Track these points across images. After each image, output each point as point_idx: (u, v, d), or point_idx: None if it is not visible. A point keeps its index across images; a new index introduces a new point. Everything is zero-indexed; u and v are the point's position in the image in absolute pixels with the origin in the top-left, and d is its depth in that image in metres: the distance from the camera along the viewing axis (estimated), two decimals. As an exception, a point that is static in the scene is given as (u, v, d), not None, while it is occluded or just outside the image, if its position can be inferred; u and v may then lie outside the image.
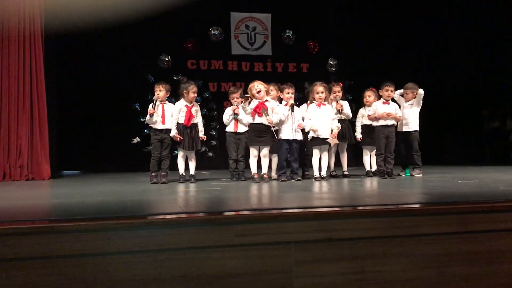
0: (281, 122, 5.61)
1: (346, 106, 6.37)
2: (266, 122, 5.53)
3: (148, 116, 5.72)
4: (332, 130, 5.66)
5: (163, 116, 5.72)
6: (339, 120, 6.08)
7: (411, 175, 6.16)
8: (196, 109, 5.80)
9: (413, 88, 6.22)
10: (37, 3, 6.91)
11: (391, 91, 6.04)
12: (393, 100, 6.18)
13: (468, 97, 9.67)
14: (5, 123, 6.71)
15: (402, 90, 6.31)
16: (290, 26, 9.75)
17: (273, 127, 5.56)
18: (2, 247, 2.27)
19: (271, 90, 5.85)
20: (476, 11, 9.30)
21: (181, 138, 5.65)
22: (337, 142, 5.79)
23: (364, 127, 6.50)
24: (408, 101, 6.23)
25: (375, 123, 6.11)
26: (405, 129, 6.20)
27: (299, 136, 5.66)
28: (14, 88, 6.75)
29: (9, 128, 6.72)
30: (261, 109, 5.53)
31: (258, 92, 5.57)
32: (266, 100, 5.64)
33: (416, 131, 6.21)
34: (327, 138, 5.63)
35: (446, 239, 2.78)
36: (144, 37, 8.87)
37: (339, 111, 6.19)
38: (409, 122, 6.18)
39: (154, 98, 5.75)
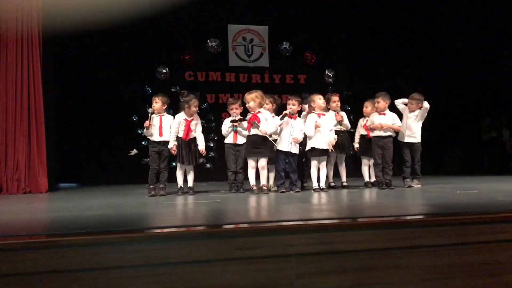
0: (279, 133, 5.64)
1: (344, 117, 6.38)
2: (261, 134, 5.56)
3: (145, 129, 5.73)
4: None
5: (160, 128, 5.72)
6: (338, 131, 6.10)
7: (410, 186, 6.12)
8: (195, 123, 5.78)
9: (418, 100, 6.15)
10: (35, 16, 6.92)
11: (378, 102, 6.06)
12: (392, 110, 6.18)
13: (466, 107, 9.72)
14: (2, 136, 6.67)
15: (405, 100, 6.30)
16: (287, 38, 9.79)
17: (270, 136, 5.59)
18: (1, 263, 2.25)
19: (266, 104, 5.86)
20: (474, 21, 9.39)
21: (176, 151, 5.64)
22: (332, 149, 5.76)
23: (362, 137, 6.52)
24: (412, 111, 6.20)
25: (371, 134, 6.14)
26: (407, 140, 6.20)
27: (295, 149, 5.67)
28: (11, 101, 6.72)
29: (6, 141, 6.68)
30: (252, 122, 5.57)
31: (248, 106, 5.65)
32: (259, 112, 5.65)
33: (419, 142, 6.22)
34: (326, 149, 5.65)
35: (447, 250, 2.77)
36: (142, 49, 8.89)
37: (339, 122, 6.20)
38: (413, 133, 6.17)
39: (149, 110, 5.76)
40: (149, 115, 5.71)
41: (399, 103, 6.29)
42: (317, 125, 5.64)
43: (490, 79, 9.47)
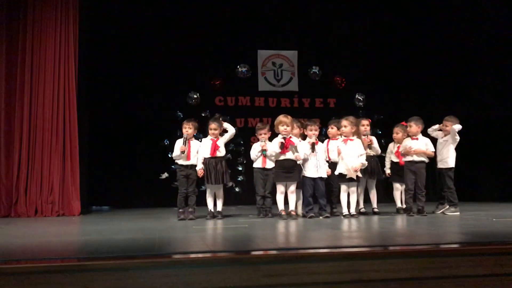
0: (304, 160, 5.63)
1: (374, 141, 6.30)
2: (292, 157, 5.55)
3: (178, 152, 5.79)
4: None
5: (188, 152, 5.80)
6: (368, 156, 5.99)
7: (443, 213, 5.97)
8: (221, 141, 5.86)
9: (452, 121, 6.07)
10: (71, 50, 7.15)
11: (410, 126, 5.95)
12: (426, 135, 6.07)
13: (503, 129, 9.42)
14: (39, 159, 6.83)
15: (437, 126, 6.25)
16: (316, 62, 9.82)
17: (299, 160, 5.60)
18: (32, 285, 2.29)
19: (294, 129, 5.87)
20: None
21: (203, 173, 5.69)
22: (353, 176, 5.61)
23: (392, 163, 6.40)
24: (447, 134, 6.12)
25: (403, 159, 6.01)
26: (439, 165, 6.12)
27: (323, 173, 5.66)
28: (48, 124, 6.90)
29: (42, 164, 6.84)
30: (288, 146, 5.57)
31: (285, 129, 5.64)
32: (290, 137, 5.66)
33: (448, 168, 6.08)
34: (349, 175, 5.57)
35: (481, 281, 2.67)
36: (174, 75, 9.08)
37: (369, 146, 6.12)
38: (443, 158, 6.11)
39: (185, 136, 5.84)
40: (185, 139, 5.80)
41: (432, 130, 6.21)
42: (338, 150, 5.61)
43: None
